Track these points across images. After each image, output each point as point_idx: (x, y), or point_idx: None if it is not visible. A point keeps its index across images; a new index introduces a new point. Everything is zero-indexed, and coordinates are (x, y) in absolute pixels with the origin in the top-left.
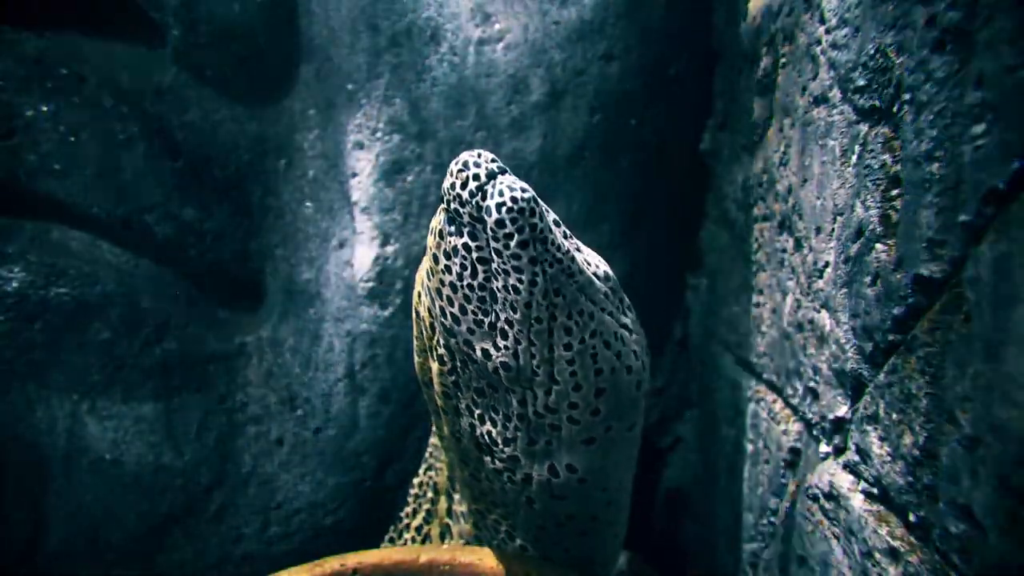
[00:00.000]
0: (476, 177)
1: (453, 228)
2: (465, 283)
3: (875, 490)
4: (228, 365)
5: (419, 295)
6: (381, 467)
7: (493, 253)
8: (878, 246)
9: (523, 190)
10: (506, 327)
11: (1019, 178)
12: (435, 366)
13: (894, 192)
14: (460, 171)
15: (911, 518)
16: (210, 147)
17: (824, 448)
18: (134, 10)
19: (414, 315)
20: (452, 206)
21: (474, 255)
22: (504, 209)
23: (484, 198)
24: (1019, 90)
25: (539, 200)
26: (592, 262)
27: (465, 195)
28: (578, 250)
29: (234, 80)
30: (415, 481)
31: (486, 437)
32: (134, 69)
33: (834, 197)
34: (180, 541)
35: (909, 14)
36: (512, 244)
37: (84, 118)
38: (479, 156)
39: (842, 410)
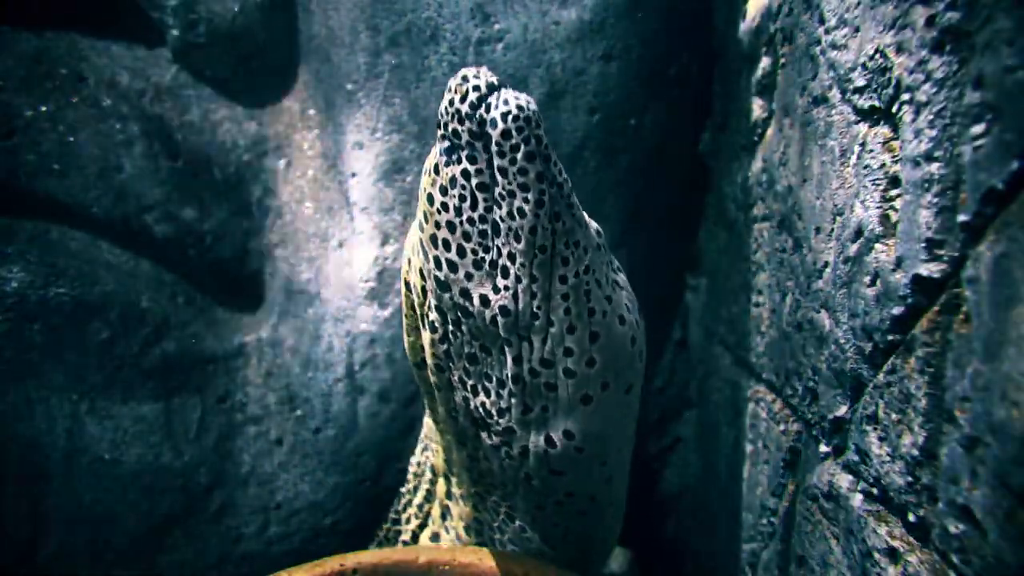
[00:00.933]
0: (477, 88)
1: (453, 156)
2: (465, 217)
3: (874, 490)
4: (227, 365)
5: (408, 261)
6: (381, 467)
7: (497, 173)
8: (877, 246)
9: (528, 100)
10: (507, 263)
11: (1018, 178)
12: (427, 336)
13: (893, 192)
14: (460, 85)
15: (910, 518)
16: (209, 147)
17: (823, 448)
18: (134, 10)
19: (403, 288)
20: (451, 127)
21: (474, 182)
22: (510, 118)
23: (488, 110)
24: (1018, 90)
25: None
26: (585, 216)
27: (466, 108)
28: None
29: (234, 80)
30: (412, 460)
31: (480, 409)
32: (134, 69)
33: (833, 197)
34: (180, 541)
35: (909, 14)
36: (519, 157)
37: (84, 118)
38: (478, 70)
39: (841, 410)
